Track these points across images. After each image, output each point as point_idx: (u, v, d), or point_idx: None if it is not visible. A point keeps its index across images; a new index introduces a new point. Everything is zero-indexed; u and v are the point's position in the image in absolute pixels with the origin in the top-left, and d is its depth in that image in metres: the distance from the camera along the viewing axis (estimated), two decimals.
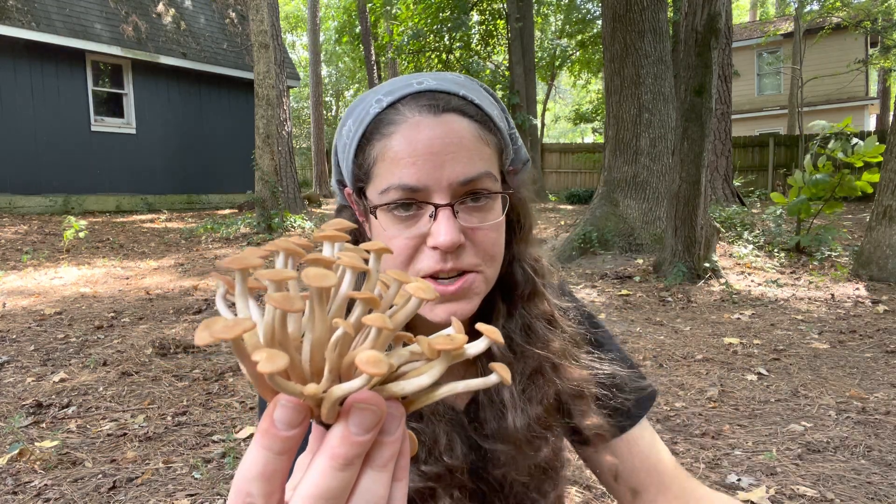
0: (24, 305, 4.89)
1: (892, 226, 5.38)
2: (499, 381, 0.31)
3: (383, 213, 0.69)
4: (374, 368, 0.26)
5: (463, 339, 0.30)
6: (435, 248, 0.67)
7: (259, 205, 9.05)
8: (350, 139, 0.72)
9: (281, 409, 0.28)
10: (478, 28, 16.73)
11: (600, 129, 22.91)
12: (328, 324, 0.29)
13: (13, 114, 10.19)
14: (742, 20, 27.81)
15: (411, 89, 0.70)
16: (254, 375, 0.28)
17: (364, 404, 0.27)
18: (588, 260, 6.69)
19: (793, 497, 2.02)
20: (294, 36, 35.19)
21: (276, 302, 0.26)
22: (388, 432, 0.29)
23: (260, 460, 0.28)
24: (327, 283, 0.27)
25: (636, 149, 7.19)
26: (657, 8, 7.15)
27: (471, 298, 0.70)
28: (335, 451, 0.27)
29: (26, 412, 2.76)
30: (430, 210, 0.67)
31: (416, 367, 0.31)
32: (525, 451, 0.74)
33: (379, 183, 0.69)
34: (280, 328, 0.28)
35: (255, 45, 9.06)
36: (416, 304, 0.31)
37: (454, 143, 0.66)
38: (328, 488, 0.27)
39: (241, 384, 3.15)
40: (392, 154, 0.67)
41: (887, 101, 20.22)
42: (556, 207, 13.31)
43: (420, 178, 0.66)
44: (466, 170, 0.67)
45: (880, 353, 3.56)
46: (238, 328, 0.25)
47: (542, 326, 0.78)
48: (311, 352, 0.29)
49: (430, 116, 0.67)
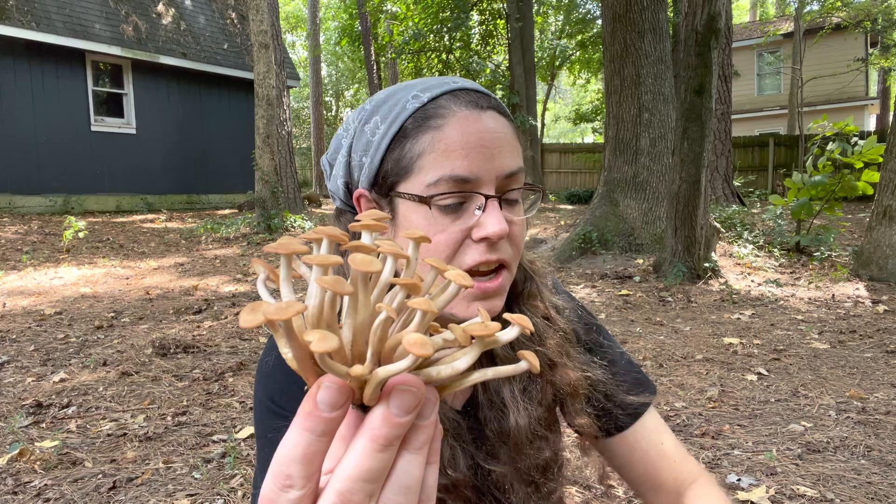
0: (24, 305, 4.89)
1: (892, 226, 5.38)
2: (528, 367, 0.32)
3: (424, 206, 0.69)
4: (421, 350, 0.26)
5: (496, 326, 0.31)
6: (481, 240, 0.68)
7: (259, 205, 9.05)
8: (381, 135, 0.71)
9: (325, 391, 0.28)
10: (478, 28, 16.72)
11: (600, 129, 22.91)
12: (372, 308, 0.30)
13: (13, 114, 10.19)
14: (742, 20, 27.81)
15: (448, 87, 0.72)
16: (301, 358, 0.29)
17: (406, 386, 0.28)
18: (588, 260, 6.69)
19: (793, 497, 2.02)
20: (294, 36, 35.19)
21: (328, 284, 0.27)
22: (424, 416, 0.30)
23: (302, 442, 0.28)
24: (374, 267, 0.27)
25: (636, 149, 7.19)
26: (657, 8, 7.15)
27: (502, 295, 0.72)
28: (376, 432, 0.28)
29: (26, 412, 2.76)
30: (476, 202, 0.68)
31: (448, 353, 0.32)
32: (526, 452, 0.74)
33: (425, 175, 0.68)
34: (329, 311, 0.29)
35: (255, 45, 9.06)
36: (455, 289, 0.32)
37: (500, 137, 0.69)
38: (368, 469, 0.28)
39: (241, 384, 3.15)
40: (443, 146, 0.68)
41: (887, 101, 20.22)
42: (556, 207, 13.31)
43: (472, 170, 0.67)
44: (511, 163, 0.70)
45: (880, 353, 3.56)
46: (291, 310, 0.25)
47: (541, 324, 0.79)
48: (353, 335, 0.30)
49: (475, 111, 0.70)
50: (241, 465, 2.26)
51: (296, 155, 18.84)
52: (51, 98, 10.62)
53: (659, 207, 6.95)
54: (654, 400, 0.86)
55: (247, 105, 12.87)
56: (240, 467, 2.24)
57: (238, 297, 5.22)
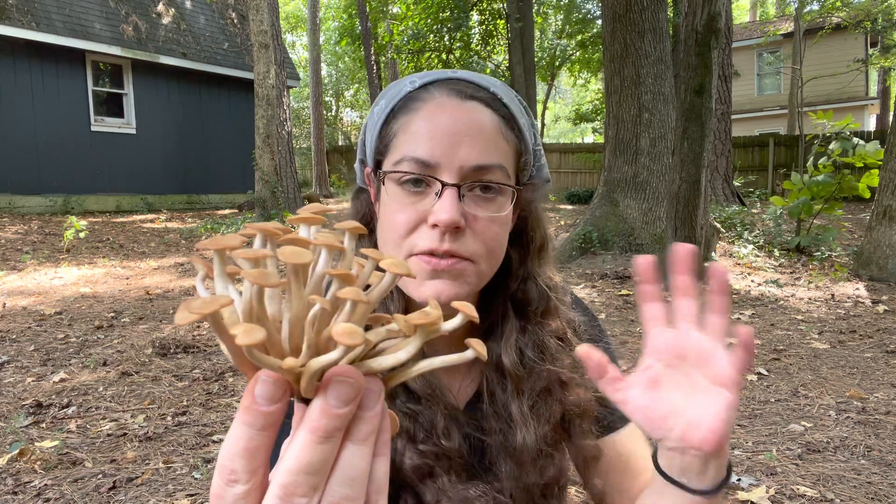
0: (24, 305, 4.89)
1: (892, 226, 5.38)
2: (475, 356, 0.32)
3: (392, 185, 0.71)
4: (350, 339, 0.26)
5: (438, 314, 0.31)
6: (434, 227, 0.67)
7: (259, 205, 9.06)
8: (380, 115, 0.74)
9: (261, 385, 0.28)
10: (478, 28, 16.73)
11: (600, 129, 22.91)
12: (305, 300, 0.29)
13: (13, 114, 10.19)
14: (742, 20, 27.81)
15: (445, 75, 0.74)
16: (234, 352, 0.29)
17: (342, 377, 0.28)
18: (588, 260, 6.69)
19: (793, 497, 2.02)
20: (294, 36, 35.19)
21: (253, 277, 0.27)
22: (367, 407, 0.29)
23: (243, 437, 0.28)
24: (303, 259, 0.27)
25: (636, 149, 7.19)
26: (657, 8, 7.15)
27: (460, 283, 0.70)
28: (315, 423, 0.28)
29: (26, 412, 2.76)
30: (437, 188, 0.68)
31: (394, 343, 0.32)
32: (529, 470, 0.74)
33: (395, 154, 0.70)
34: (258, 304, 0.28)
35: (255, 45, 9.06)
36: (390, 279, 0.32)
37: (473, 128, 0.69)
38: (310, 462, 0.28)
39: (241, 384, 3.15)
40: (413, 128, 0.69)
41: (887, 101, 20.21)
42: (556, 207, 13.31)
43: (433, 154, 0.67)
44: (480, 157, 0.68)
45: (880, 353, 3.56)
46: (215, 304, 0.25)
47: (554, 344, 0.78)
48: (289, 328, 0.29)
49: (456, 100, 0.70)
50: None
51: (296, 155, 18.82)
52: (51, 98, 10.62)
53: (659, 207, 6.94)
54: None
55: (247, 105, 12.86)
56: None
57: None
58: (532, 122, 0.78)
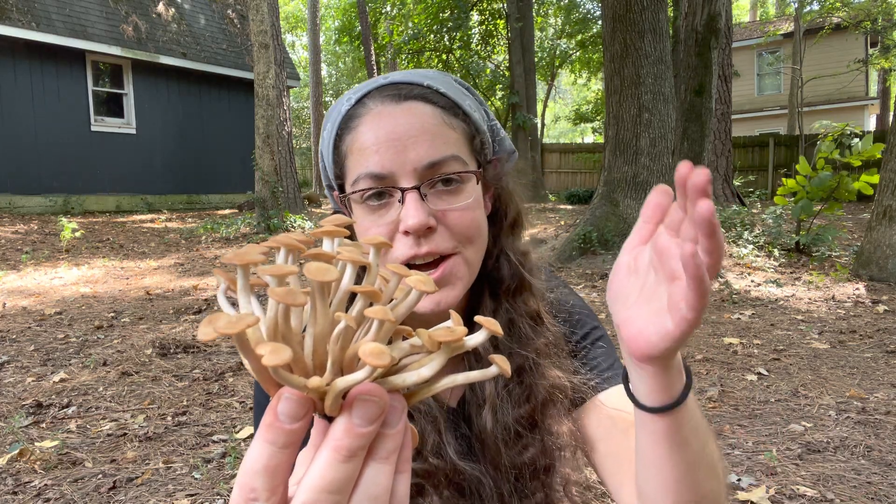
0: (24, 305, 4.89)
1: (892, 226, 5.38)
2: (498, 372, 0.32)
3: (357, 206, 0.71)
4: (378, 360, 0.26)
5: (463, 330, 0.30)
6: (406, 234, 0.67)
7: (259, 205, 9.06)
8: (328, 140, 0.75)
9: (285, 402, 0.28)
10: (478, 28, 16.73)
11: (600, 129, 22.90)
12: (330, 318, 0.29)
13: (13, 114, 10.19)
14: (742, 20, 27.81)
15: (377, 84, 0.73)
16: (258, 370, 0.28)
17: (367, 396, 0.28)
18: (588, 260, 6.69)
19: (793, 497, 2.02)
20: (294, 36, 35.19)
21: (279, 296, 0.26)
22: (390, 424, 0.29)
23: (264, 454, 0.28)
24: (329, 277, 0.27)
25: (636, 149, 7.19)
26: (657, 8, 7.15)
27: (454, 284, 0.69)
28: (339, 442, 0.28)
29: (26, 412, 2.76)
30: (398, 196, 0.68)
31: (416, 359, 0.32)
32: (503, 451, 0.73)
33: (351, 175, 0.71)
34: (283, 322, 0.28)
35: (255, 45, 9.06)
36: (416, 296, 0.32)
37: (416, 127, 0.68)
38: (332, 480, 0.27)
39: (241, 384, 3.15)
40: (358, 145, 0.70)
41: (887, 101, 20.21)
42: (556, 207, 13.31)
43: (385, 165, 0.67)
44: (431, 153, 0.68)
45: (880, 353, 3.56)
46: (242, 323, 0.25)
47: (527, 324, 0.77)
48: (313, 346, 0.29)
49: (392, 105, 0.70)
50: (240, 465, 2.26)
51: (296, 155, 18.84)
52: (51, 98, 10.62)
53: None
54: None
55: (247, 105, 12.86)
56: (240, 467, 2.24)
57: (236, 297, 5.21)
58: (480, 101, 0.78)
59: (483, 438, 0.74)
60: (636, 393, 0.55)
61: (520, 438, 0.74)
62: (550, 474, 0.77)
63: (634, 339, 0.50)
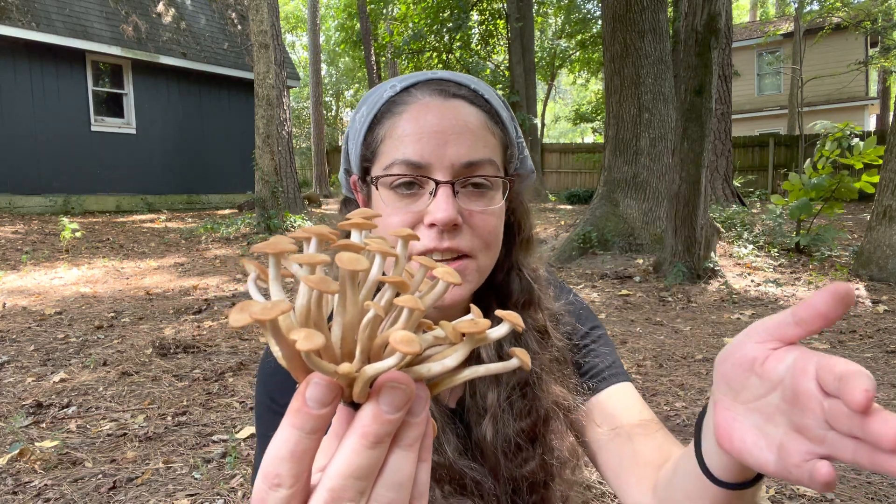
0: (24, 305, 4.89)
1: (892, 226, 5.38)
2: (518, 364, 0.32)
3: (385, 190, 0.71)
4: (408, 347, 0.26)
5: (486, 323, 0.31)
6: (432, 226, 0.68)
7: (259, 205, 9.06)
8: (362, 122, 0.74)
9: (314, 388, 0.28)
10: (478, 28, 16.73)
11: (600, 129, 22.91)
12: (360, 306, 0.30)
13: (13, 114, 10.19)
14: (742, 20, 27.81)
15: (424, 77, 0.74)
16: (289, 357, 0.29)
17: (395, 383, 0.28)
18: (588, 260, 6.69)
19: (793, 497, 2.02)
20: (294, 36, 35.19)
21: (314, 283, 0.27)
22: (415, 413, 0.30)
23: (291, 440, 0.28)
24: (360, 266, 0.28)
25: (636, 149, 7.19)
26: (657, 8, 7.15)
27: (463, 284, 0.70)
28: (366, 429, 0.28)
29: (26, 412, 2.76)
30: (430, 188, 0.68)
31: (439, 350, 0.32)
32: (502, 462, 0.73)
33: (384, 159, 0.71)
34: (316, 309, 0.29)
35: (255, 45, 9.06)
36: (443, 287, 0.32)
37: (460, 125, 0.69)
38: (359, 466, 0.28)
39: (242, 384, 3.15)
40: (399, 131, 0.70)
41: (887, 101, 20.21)
42: (556, 207, 13.31)
43: (423, 155, 0.68)
44: (470, 153, 0.69)
45: (880, 353, 3.56)
46: (276, 310, 0.26)
47: (533, 338, 0.77)
48: (342, 333, 0.30)
49: (439, 99, 0.70)
50: (241, 465, 2.26)
51: (296, 155, 18.84)
52: (51, 98, 10.62)
53: (659, 207, 6.95)
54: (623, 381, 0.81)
55: (247, 105, 12.86)
56: (240, 467, 2.24)
57: (238, 296, 5.22)
58: (512, 116, 0.79)
59: (483, 448, 0.74)
60: (706, 457, 0.52)
61: (520, 451, 0.74)
62: (549, 488, 0.77)
63: (729, 437, 0.44)
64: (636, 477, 0.72)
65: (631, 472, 0.72)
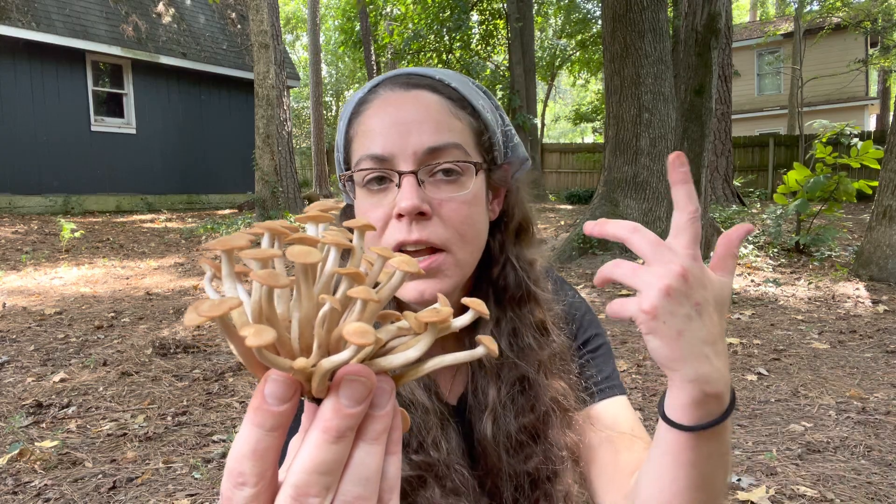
0: (24, 305, 4.89)
1: (892, 226, 5.38)
2: (485, 352, 0.32)
3: (359, 189, 0.72)
4: (361, 339, 0.26)
5: (448, 311, 0.30)
6: (400, 217, 0.67)
7: (259, 205, 9.06)
8: (341, 127, 0.77)
9: (271, 384, 0.28)
10: (478, 28, 16.73)
11: (600, 129, 22.91)
12: (315, 300, 0.29)
13: (13, 114, 10.19)
14: (742, 20, 27.81)
15: (393, 73, 0.75)
16: (243, 353, 0.28)
17: (353, 376, 0.28)
18: (588, 260, 6.70)
19: (793, 497, 2.02)
20: (294, 36, 35.18)
21: (261, 278, 0.27)
22: (378, 406, 0.29)
23: (252, 438, 0.28)
24: (311, 259, 0.27)
25: (636, 149, 7.18)
26: (657, 8, 7.14)
27: (440, 279, 0.69)
28: (327, 423, 0.28)
29: (26, 412, 2.76)
30: (397, 179, 0.68)
31: (404, 341, 0.32)
32: (504, 458, 0.73)
33: (355, 158, 0.72)
34: (267, 304, 0.28)
35: (255, 45, 9.06)
36: (400, 277, 0.32)
37: (421, 113, 0.69)
38: (322, 461, 0.27)
39: (241, 384, 3.15)
40: (364, 128, 0.71)
41: (887, 101, 20.21)
42: (556, 207, 13.31)
43: (386, 147, 0.68)
44: (432, 139, 0.68)
45: (880, 353, 3.56)
46: (224, 306, 0.25)
47: (531, 334, 0.76)
48: (299, 329, 0.29)
49: (400, 92, 0.71)
50: None
51: (296, 155, 18.83)
52: (51, 98, 10.62)
53: (659, 207, 6.94)
54: (618, 394, 0.81)
55: (247, 105, 12.86)
56: None
57: None
58: (496, 105, 0.78)
59: (484, 445, 0.74)
60: (667, 410, 0.56)
61: (522, 448, 0.74)
62: (553, 484, 0.77)
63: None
64: (616, 484, 0.73)
65: (611, 480, 0.73)
